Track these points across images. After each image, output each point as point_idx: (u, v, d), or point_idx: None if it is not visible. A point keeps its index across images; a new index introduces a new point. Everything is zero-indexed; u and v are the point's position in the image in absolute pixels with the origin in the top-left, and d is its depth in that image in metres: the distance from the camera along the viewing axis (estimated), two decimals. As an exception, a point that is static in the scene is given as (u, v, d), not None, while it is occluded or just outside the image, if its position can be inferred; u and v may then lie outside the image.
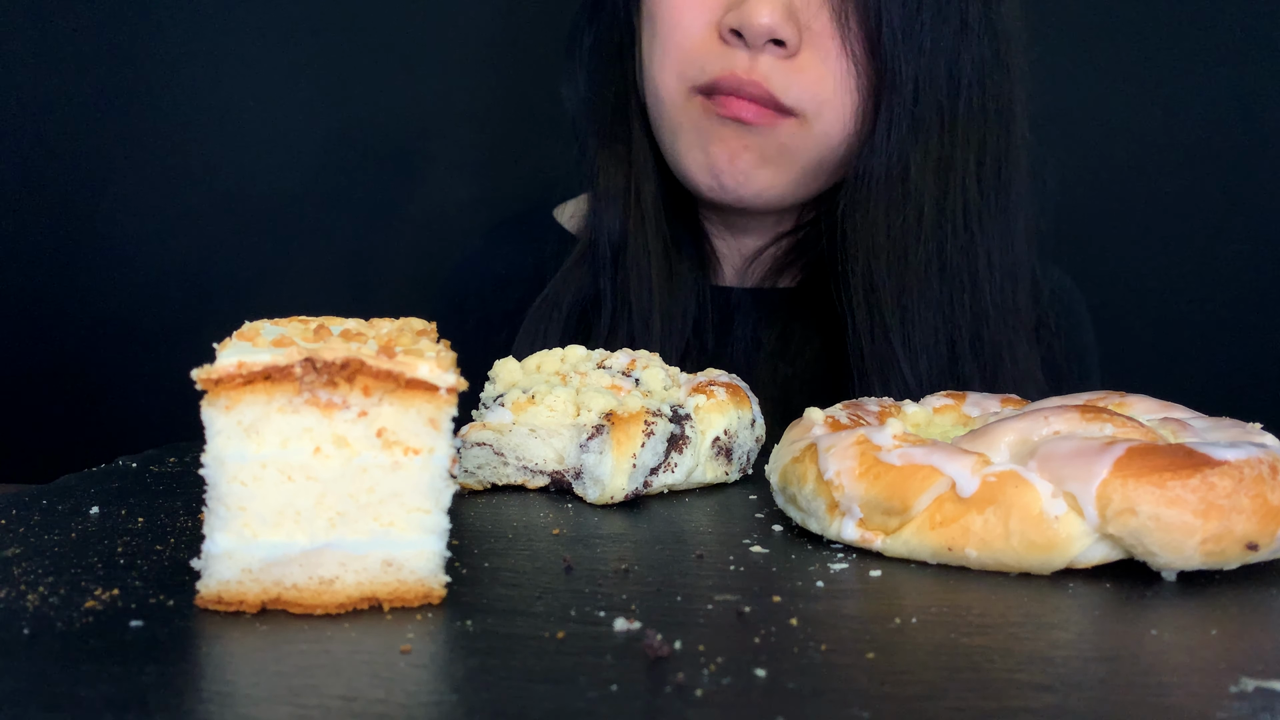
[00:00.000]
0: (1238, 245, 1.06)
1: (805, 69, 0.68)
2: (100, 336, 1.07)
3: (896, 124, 0.68)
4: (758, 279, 0.81)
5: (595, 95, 0.79)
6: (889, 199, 0.70)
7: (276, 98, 1.07)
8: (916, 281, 0.70)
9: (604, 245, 0.77)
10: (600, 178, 0.77)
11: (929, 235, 0.70)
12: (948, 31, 0.68)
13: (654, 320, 0.75)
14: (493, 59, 1.08)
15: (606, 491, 0.48)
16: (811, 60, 0.68)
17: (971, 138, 0.71)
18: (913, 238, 0.70)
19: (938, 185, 0.70)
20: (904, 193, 0.70)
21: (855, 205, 0.70)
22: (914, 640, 0.31)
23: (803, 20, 0.67)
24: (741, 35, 0.66)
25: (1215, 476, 0.36)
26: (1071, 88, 1.03)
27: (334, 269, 1.09)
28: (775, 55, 0.67)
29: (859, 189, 0.70)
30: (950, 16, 0.68)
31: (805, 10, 0.67)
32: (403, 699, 0.27)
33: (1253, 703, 0.27)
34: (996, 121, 0.72)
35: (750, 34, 0.66)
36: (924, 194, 0.70)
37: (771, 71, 0.67)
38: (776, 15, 0.65)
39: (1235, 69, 1.04)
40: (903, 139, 0.69)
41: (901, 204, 0.70)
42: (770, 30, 0.65)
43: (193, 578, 0.35)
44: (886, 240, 0.70)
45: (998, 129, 0.72)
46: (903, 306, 0.70)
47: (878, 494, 0.40)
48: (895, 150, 0.69)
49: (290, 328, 0.38)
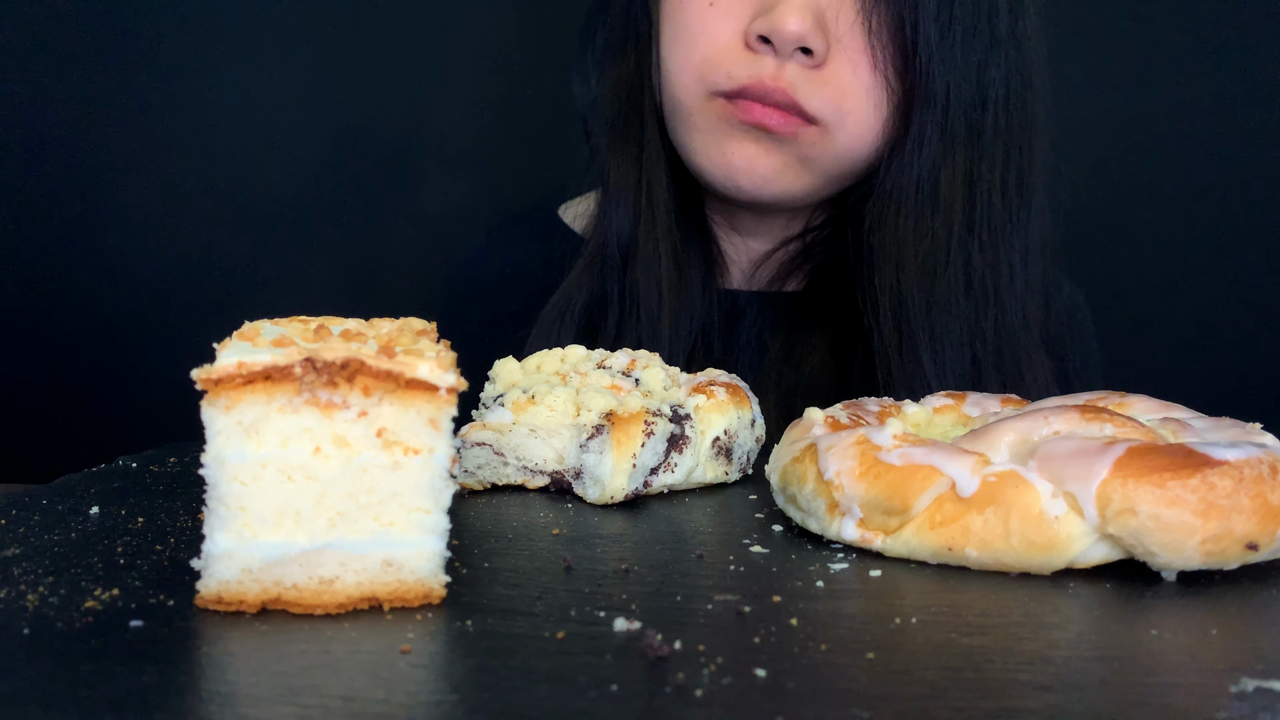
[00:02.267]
0: (1238, 245, 1.06)
1: (832, 79, 0.67)
2: (100, 336, 1.07)
3: (929, 138, 0.68)
4: (765, 282, 0.81)
5: (608, 93, 0.78)
6: (918, 214, 0.70)
7: (277, 97, 1.07)
8: (944, 297, 0.70)
9: (613, 246, 0.76)
10: (611, 176, 0.77)
11: (956, 250, 0.70)
12: (978, 46, 0.68)
13: (662, 322, 0.74)
14: (495, 57, 1.08)
15: (606, 491, 0.48)
16: (839, 71, 0.67)
17: (997, 153, 0.71)
18: (941, 253, 0.70)
19: (965, 200, 0.70)
20: (933, 208, 0.69)
21: (884, 219, 0.70)
22: (914, 640, 0.31)
23: (832, 32, 0.66)
24: (769, 42, 0.66)
25: (1215, 476, 0.36)
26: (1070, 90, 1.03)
27: (334, 269, 1.09)
28: (802, 64, 0.67)
29: (888, 203, 0.70)
30: (981, 31, 0.68)
31: (835, 22, 0.66)
32: (403, 699, 0.27)
33: (1253, 703, 0.27)
34: (1021, 137, 0.72)
35: (779, 41, 0.65)
36: (953, 209, 0.70)
37: (797, 79, 0.67)
38: (806, 23, 0.64)
39: (1234, 70, 1.04)
40: (933, 154, 0.69)
41: (930, 219, 0.70)
42: (799, 38, 0.65)
43: (193, 578, 0.35)
44: (915, 255, 0.70)
45: (1021, 144, 0.72)
46: (931, 322, 0.69)
47: (878, 494, 0.40)
48: (926, 165, 0.69)
49: (290, 328, 0.38)
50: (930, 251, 0.70)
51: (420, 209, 1.09)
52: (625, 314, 0.76)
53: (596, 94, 0.80)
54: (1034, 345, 0.73)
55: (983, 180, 0.70)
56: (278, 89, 1.07)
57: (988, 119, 0.70)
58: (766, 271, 0.80)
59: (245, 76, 1.06)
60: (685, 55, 0.70)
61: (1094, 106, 1.04)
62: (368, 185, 1.09)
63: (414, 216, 1.09)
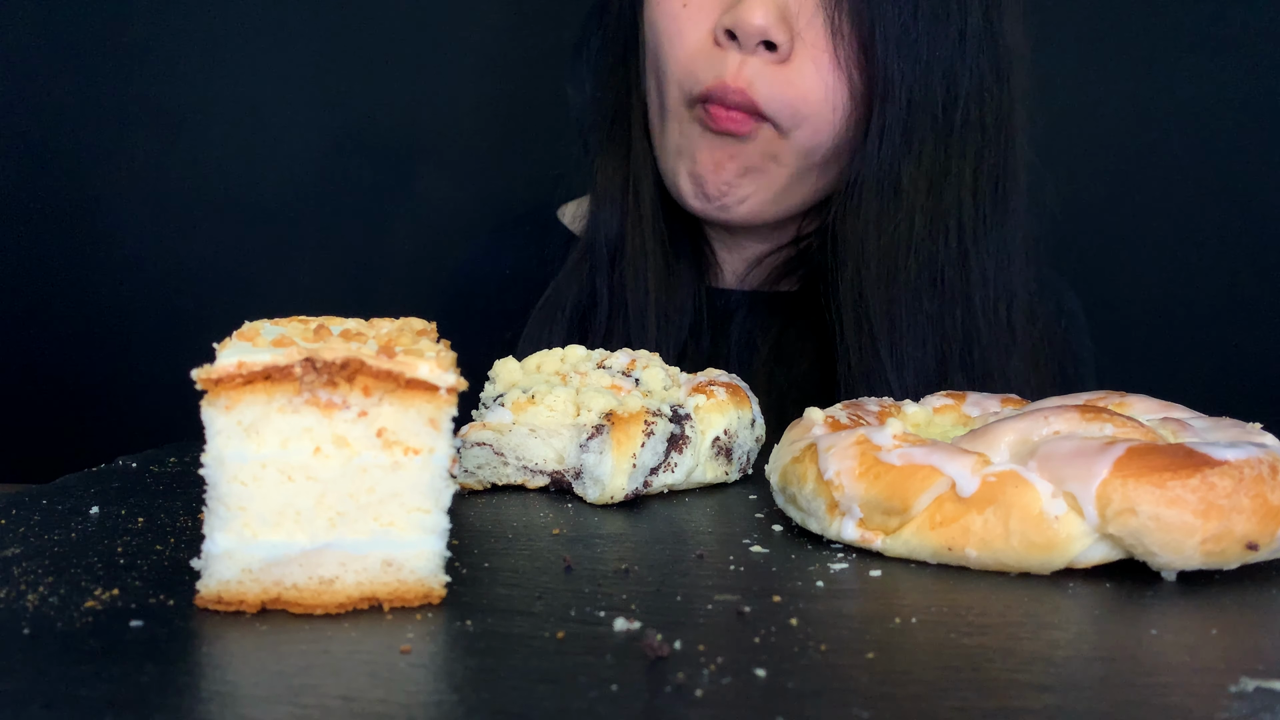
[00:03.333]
0: (1238, 245, 1.06)
1: (795, 77, 0.67)
2: (100, 336, 1.07)
3: (889, 133, 0.68)
4: (758, 283, 0.81)
5: (597, 98, 0.79)
6: (879, 208, 0.69)
7: (278, 97, 1.07)
8: (906, 292, 0.69)
9: (601, 245, 0.77)
10: (599, 179, 0.78)
11: (920, 247, 0.69)
12: (945, 42, 0.68)
13: (649, 320, 0.75)
14: (495, 59, 1.08)
15: (606, 491, 0.48)
16: (803, 67, 0.67)
17: (968, 151, 0.70)
18: (903, 248, 0.69)
19: (931, 197, 0.70)
20: (895, 203, 0.69)
21: (846, 213, 0.70)
22: (914, 640, 0.31)
23: (796, 28, 0.67)
24: (734, 36, 0.67)
25: (1215, 476, 0.36)
26: (1068, 88, 1.03)
27: (334, 269, 1.09)
28: (765, 59, 0.67)
29: (850, 197, 0.70)
30: (948, 27, 0.68)
31: (799, 17, 0.67)
32: (403, 699, 0.27)
33: (1253, 703, 0.27)
34: (995, 136, 0.71)
35: (743, 34, 0.66)
36: (915, 205, 0.69)
37: (756, 77, 0.67)
38: (770, 17, 0.65)
39: (1233, 70, 1.04)
40: (895, 149, 0.68)
41: (893, 214, 0.69)
42: (762, 31, 0.65)
43: (193, 578, 0.35)
44: (877, 249, 0.69)
45: (996, 144, 0.71)
46: (891, 317, 0.69)
47: (878, 494, 0.40)
48: (887, 160, 0.68)
49: (290, 328, 0.38)
50: (892, 246, 0.69)
51: (420, 209, 1.09)
52: (614, 311, 0.76)
53: (589, 98, 0.80)
54: (1008, 351, 0.72)
55: (951, 179, 0.70)
56: (278, 89, 1.07)
57: (957, 115, 0.69)
58: (759, 273, 0.81)
59: (245, 76, 1.06)
60: (665, 61, 0.71)
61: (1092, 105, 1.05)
62: (368, 185, 1.09)
63: (414, 217, 1.09)
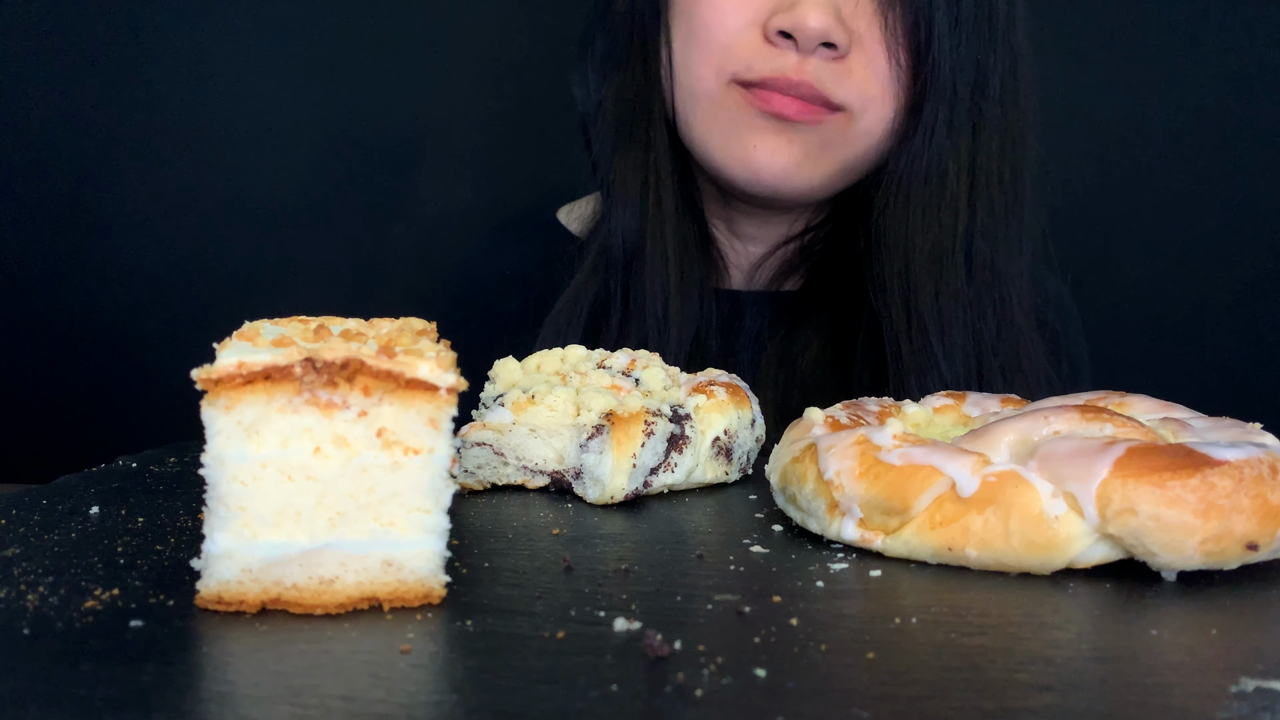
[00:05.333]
0: (1237, 244, 1.06)
1: (853, 71, 0.69)
2: (100, 336, 1.07)
3: (938, 130, 0.71)
4: (764, 283, 0.82)
5: (612, 98, 0.79)
6: (926, 201, 0.72)
7: (278, 98, 1.07)
8: (951, 283, 0.72)
9: (617, 249, 0.76)
10: (617, 180, 0.77)
11: (961, 238, 0.72)
12: (980, 42, 0.71)
13: (670, 323, 0.75)
14: (495, 59, 1.08)
15: (606, 491, 0.48)
16: (858, 63, 0.69)
17: (994, 143, 0.73)
18: (948, 240, 0.72)
19: (968, 190, 0.73)
20: (941, 195, 0.72)
21: (893, 206, 0.72)
22: (914, 640, 0.31)
23: (851, 27, 0.68)
24: (790, 37, 0.68)
25: (1215, 476, 0.36)
26: (1067, 87, 1.03)
27: (334, 269, 1.09)
28: (824, 57, 0.68)
29: (898, 190, 0.72)
30: (983, 25, 0.71)
31: (852, 16, 0.68)
32: (403, 699, 0.27)
33: (1253, 703, 0.27)
34: (1015, 128, 0.74)
35: (802, 37, 0.67)
36: (958, 198, 0.72)
37: (821, 72, 0.69)
38: (828, 19, 0.66)
39: (1231, 69, 1.04)
40: (941, 144, 0.71)
41: (938, 206, 0.72)
42: (822, 34, 0.67)
43: (193, 578, 0.35)
44: (923, 243, 0.72)
45: (1016, 135, 0.74)
46: (939, 307, 0.72)
47: (878, 494, 0.40)
48: (935, 155, 0.71)
49: (290, 328, 0.38)
50: (939, 237, 0.72)
51: (420, 210, 1.09)
52: (629, 314, 0.76)
53: (598, 100, 0.80)
54: (1030, 329, 0.75)
55: (983, 169, 0.73)
56: (278, 89, 1.07)
57: (987, 111, 0.72)
58: (766, 272, 0.81)
59: (245, 77, 1.06)
60: (702, 46, 0.72)
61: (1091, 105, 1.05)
62: (368, 186, 1.09)
63: (414, 217, 1.09)
